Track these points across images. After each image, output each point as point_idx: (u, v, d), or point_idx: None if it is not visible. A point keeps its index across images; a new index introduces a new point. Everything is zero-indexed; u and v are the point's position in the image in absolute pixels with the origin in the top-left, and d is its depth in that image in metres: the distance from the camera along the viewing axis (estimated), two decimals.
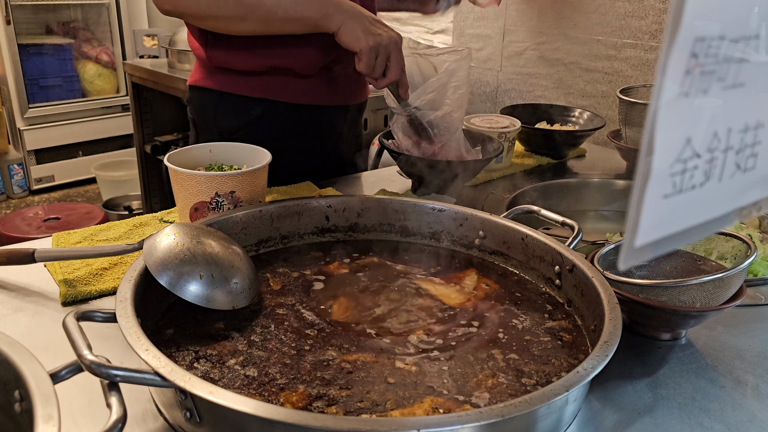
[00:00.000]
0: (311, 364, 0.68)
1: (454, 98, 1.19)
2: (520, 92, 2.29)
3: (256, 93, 1.26)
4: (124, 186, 3.72)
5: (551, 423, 0.61)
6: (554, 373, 0.69)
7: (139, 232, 1.05)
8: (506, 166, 1.49)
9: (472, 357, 0.71)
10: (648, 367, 0.76)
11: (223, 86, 1.27)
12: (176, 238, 0.76)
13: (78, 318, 0.60)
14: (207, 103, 1.31)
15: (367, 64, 1.10)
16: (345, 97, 1.36)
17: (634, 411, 0.68)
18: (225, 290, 0.75)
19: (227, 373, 0.66)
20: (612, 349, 0.62)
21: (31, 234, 2.87)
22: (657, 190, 0.28)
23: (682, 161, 0.29)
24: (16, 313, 0.82)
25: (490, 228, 0.94)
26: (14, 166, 3.84)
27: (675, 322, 0.80)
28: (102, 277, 0.89)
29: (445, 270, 0.92)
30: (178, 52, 2.75)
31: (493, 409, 0.53)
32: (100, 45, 4.19)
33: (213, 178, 0.92)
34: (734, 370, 0.76)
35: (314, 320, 0.77)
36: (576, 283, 0.80)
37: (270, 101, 1.27)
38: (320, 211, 0.98)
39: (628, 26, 1.88)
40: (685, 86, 0.27)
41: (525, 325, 0.79)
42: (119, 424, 0.50)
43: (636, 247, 0.28)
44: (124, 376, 0.54)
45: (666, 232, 0.29)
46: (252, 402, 0.52)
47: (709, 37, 0.27)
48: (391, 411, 0.62)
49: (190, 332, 0.73)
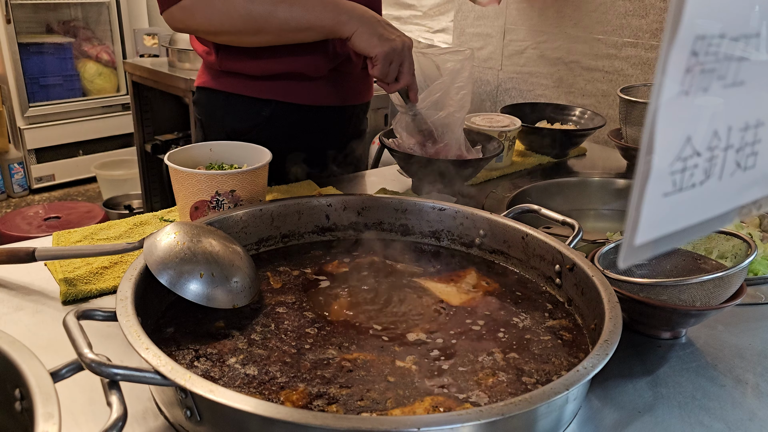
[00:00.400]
0: (311, 363, 0.68)
1: (457, 99, 1.19)
2: (521, 91, 2.29)
3: (265, 95, 1.27)
4: (124, 185, 3.72)
5: (551, 421, 0.61)
6: (554, 372, 0.69)
7: (140, 231, 1.05)
8: (507, 165, 1.48)
9: (472, 355, 0.71)
10: (648, 366, 0.76)
11: (231, 88, 1.28)
12: (176, 236, 0.76)
13: (78, 317, 0.60)
14: (215, 104, 1.31)
15: (382, 71, 1.09)
16: (352, 96, 1.37)
17: (635, 409, 0.68)
18: (225, 289, 0.75)
19: (227, 371, 0.66)
20: (612, 347, 0.62)
21: (32, 233, 2.87)
22: (657, 189, 0.28)
23: (682, 159, 0.29)
24: (16, 311, 0.82)
25: (490, 227, 0.94)
26: (14, 165, 3.84)
27: (675, 320, 0.80)
28: (102, 276, 0.89)
29: (445, 269, 0.92)
30: (178, 51, 2.75)
31: (494, 408, 0.53)
32: (100, 44, 4.19)
33: (213, 177, 0.92)
34: (734, 368, 0.76)
35: (314, 319, 0.77)
36: (576, 282, 0.80)
37: (279, 102, 1.27)
38: (321, 209, 0.98)
39: (628, 25, 1.88)
40: (686, 84, 0.27)
41: (525, 323, 0.79)
42: (119, 423, 0.50)
43: (636, 246, 0.28)
44: (124, 374, 0.54)
45: (666, 230, 0.29)
46: (252, 401, 0.52)
47: (709, 36, 0.27)
48: (392, 410, 0.62)
49: (190, 331, 0.73)
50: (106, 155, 4.11)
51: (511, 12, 2.26)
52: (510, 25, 2.27)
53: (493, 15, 2.33)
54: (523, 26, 2.22)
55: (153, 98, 3.05)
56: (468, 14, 2.44)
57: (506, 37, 2.29)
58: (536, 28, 2.17)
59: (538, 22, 2.16)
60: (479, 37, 2.38)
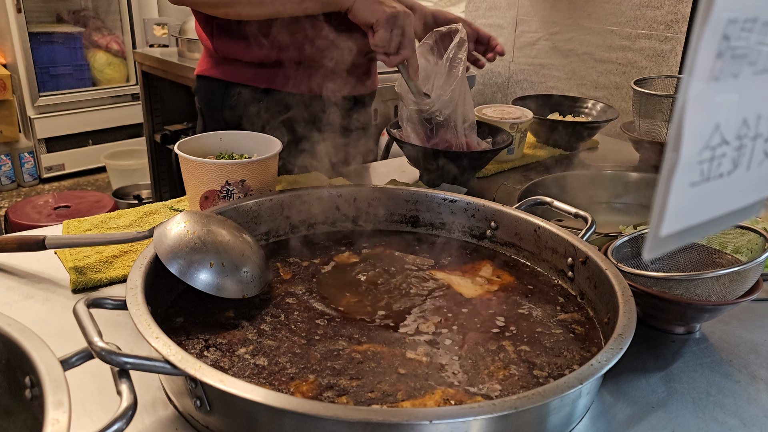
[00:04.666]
0: (321, 354, 0.68)
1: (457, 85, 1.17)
2: (532, 83, 2.27)
3: (262, 83, 1.26)
4: (133, 175, 3.73)
5: (564, 416, 0.60)
6: (566, 366, 0.68)
7: (149, 220, 1.05)
8: (518, 157, 1.47)
9: (482, 348, 0.70)
10: (662, 361, 0.75)
11: (229, 76, 1.27)
12: (187, 226, 0.75)
13: (88, 305, 0.60)
14: (213, 93, 1.30)
15: (383, 37, 1.07)
16: (353, 87, 1.35)
17: (648, 405, 0.68)
18: (235, 279, 0.75)
19: (237, 362, 0.66)
20: (626, 341, 0.61)
21: (42, 222, 2.88)
22: (684, 178, 0.27)
23: (710, 148, 0.28)
24: (26, 299, 0.82)
25: (502, 219, 0.93)
26: (25, 154, 3.86)
27: (689, 315, 0.79)
28: (112, 264, 0.89)
29: (456, 261, 0.91)
30: (188, 41, 2.74)
31: (506, 401, 0.52)
32: (110, 34, 4.19)
33: (223, 166, 0.92)
34: (749, 365, 0.75)
35: (324, 310, 0.77)
36: (589, 276, 0.79)
37: (276, 92, 1.26)
38: (331, 200, 0.98)
39: (643, 16, 1.86)
40: (716, 70, 0.26)
41: (537, 317, 0.78)
42: (129, 412, 0.50)
43: (662, 237, 0.27)
44: (134, 363, 0.54)
45: (692, 221, 0.28)
46: (263, 391, 0.52)
47: (741, 19, 0.26)
48: (402, 402, 0.61)
49: (200, 321, 0.73)
50: (116, 145, 4.12)
51: (523, 3, 2.23)
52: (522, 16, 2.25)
53: (505, 6, 2.31)
54: (536, 17, 2.20)
55: (162, 88, 3.05)
56: (480, 5, 2.41)
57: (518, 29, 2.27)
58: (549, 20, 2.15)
59: (551, 13, 2.13)
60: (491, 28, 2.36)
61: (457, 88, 1.17)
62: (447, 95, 1.17)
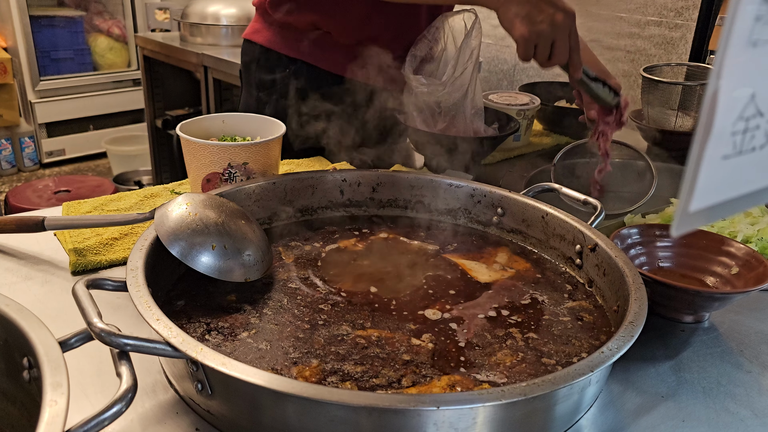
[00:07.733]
0: (325, 339, 0.67)
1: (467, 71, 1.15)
2: (539, 70, 2.24)
3: (293, 53, 1.30)
4: (134, 161, 3.71)
5: (572, 404, 0.59)
6: (575, 354, 0.67)
7: (150, 202, 1.03)
8: (524, 144, 1.45)
9: (489, 335, 0.69)
10: (671, 350, 0.74)
11: (266, 42, 1.32)
12: (188, 207, 0.74)
13: (88, 285, 0.59)
14: (251, 56, 1.37)
15: (524, 55, 0.99)
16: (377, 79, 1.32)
17: (657, 394, 0.66)
18: (237, 262, 0.73)
19: (239, 345, 0.65)
20: (638, 329, 0.60)
21: (42, 206, 2.87)
22: (717, 150, 0.25)
23: (744, 119, 0.26)
24: (25, 281, 0.81)
25: (509, 205, 0.92)
26: (25, 139, 3.84)
27: (698, 304, 0.78)
28: (112, 247, 0.88)
29: (462, 247, 0.90)
30: (190, 26, 2.71)
31: (516, 388, 0.51)
32: (111, 18, 4.15)
33: (226, 148, 0.90)
34: (761, 355, 0.74)
35: (327, 295, 0.76)
36: (598, 263, 0.77)
37: (303, 63, 1.30)
38: (335, 184, 0.96)
39: (653, 3, 1.83)
40: (755, 34, 0.24)
41: (544, 304, 0.76)
42: (129, 394, 0.49)
43: (691, 212, 0.26)
44: (134, 345, 0.52)
45: (722, 197, 0.27)
46: (266, 375, 0.50)
47: None
48: (407, 388, 0.60)
49: (201, 304, 0.72)
50: (117, 131, 4.09)
51: None
52: None
53: None
54: None
55: (164, 73, 3.02)
56: None
57: None
58: None
59: None
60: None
61: (468, 73, 1.15)
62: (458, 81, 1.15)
